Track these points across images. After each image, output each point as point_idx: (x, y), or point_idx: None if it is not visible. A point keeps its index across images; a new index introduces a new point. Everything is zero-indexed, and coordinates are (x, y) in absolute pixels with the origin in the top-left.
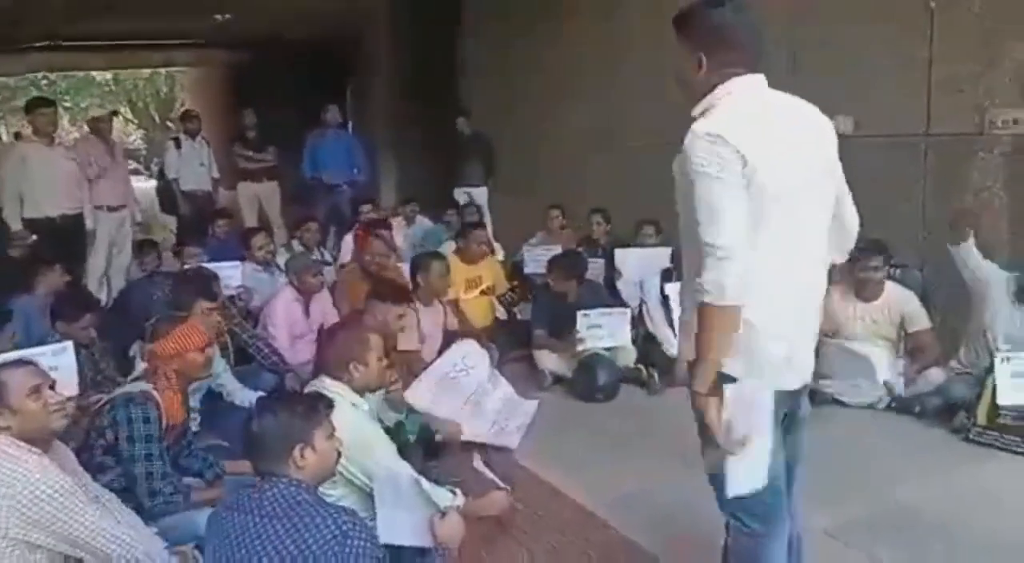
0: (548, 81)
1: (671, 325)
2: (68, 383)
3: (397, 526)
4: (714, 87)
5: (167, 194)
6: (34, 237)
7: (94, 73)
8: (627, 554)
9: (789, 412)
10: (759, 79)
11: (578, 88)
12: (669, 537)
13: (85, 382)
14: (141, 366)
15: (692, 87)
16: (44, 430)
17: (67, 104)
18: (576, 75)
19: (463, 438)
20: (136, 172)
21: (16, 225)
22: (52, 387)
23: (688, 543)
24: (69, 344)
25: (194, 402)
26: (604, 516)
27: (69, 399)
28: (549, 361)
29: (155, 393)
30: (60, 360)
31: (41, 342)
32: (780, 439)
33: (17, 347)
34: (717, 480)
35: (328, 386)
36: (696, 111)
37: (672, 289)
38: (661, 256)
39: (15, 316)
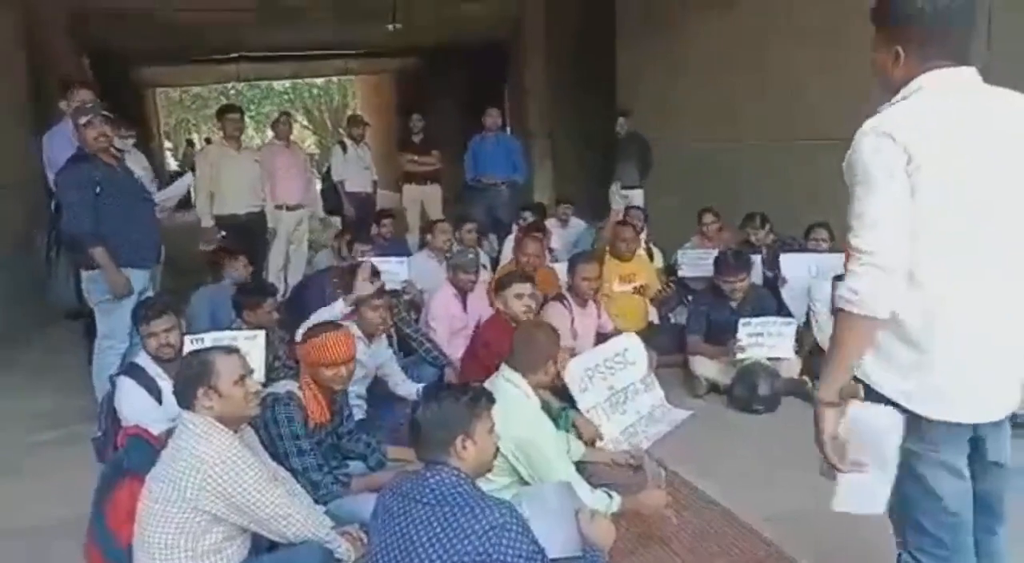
0: (707, 81)
1: None
2: (256, 370)
3: (546, 540)
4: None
5: (333, 195)
6: (223, 233)
7: (274, 84)
8: None
9: (976, 452)
10: (964, 73)
11: (740, 86)
12: (832, 561)
13: (265, 367)
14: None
15: (890, 84)
16: (241, 416)
17: (251, 113)
18: (736, 72)
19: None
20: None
21: (207, 222)
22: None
23: None
24: (262, 333)
25: (360, 389)
26: (761, 531)
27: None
28: (705, 368)
29: (299, 392)
30: (251, 346)
31: (227, 329)
32: (968, 478)
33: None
34: (895, 511)
35: (509, 377)
36: (883, 107)
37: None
38: (833, 262)
39: (203, 304)
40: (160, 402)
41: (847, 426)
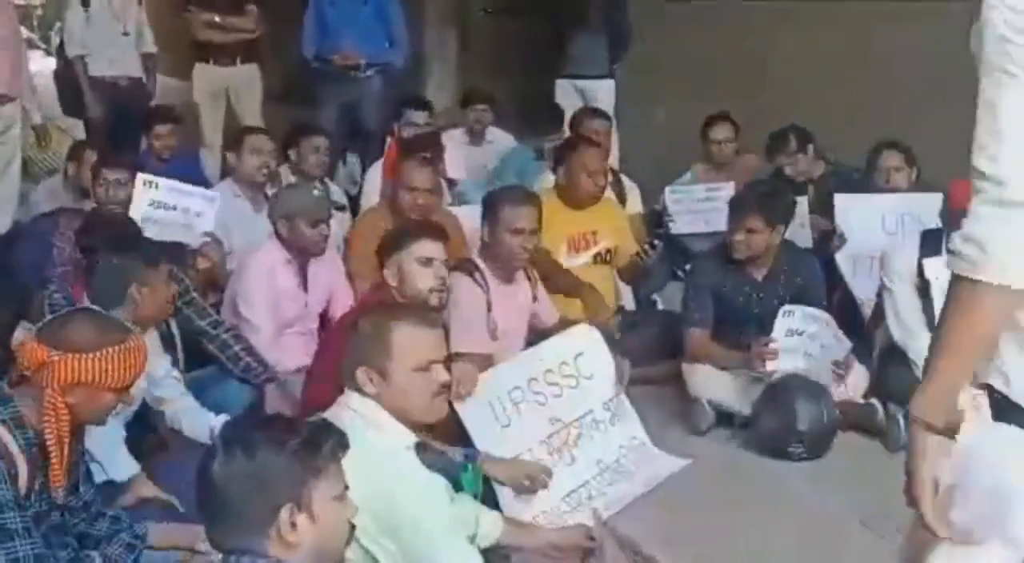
0: None
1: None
2: None
3: None
4: None
5: (70, 81)
6: None
7: None
8: None
9: None
10: None
11: None
12: None
13: None
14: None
15: None
16: None
17: None
18: None
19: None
20: (30, 44)
21: None
22: None
23: None
24: None
25: (116, 426)
26: None
27: None
28: (712, 384)
29: (3, 432)
30: None
31: None
32: None
33: None
34: None
35: (359, 406)
36: None
37: (937, 267)
38: (920, 208)
39: None
40: None
41: (956, 466)
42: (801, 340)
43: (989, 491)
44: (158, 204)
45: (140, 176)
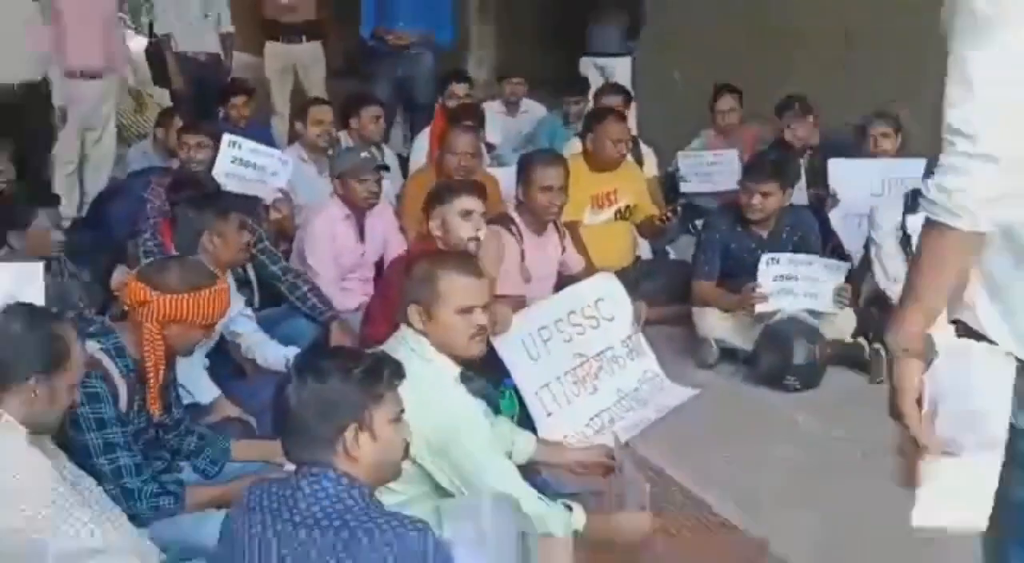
0: None
1: None
2: None
3: None
4: None
5: (158, 57)
6: None
7: None
8: None
9: None
10: None
11: None
12: None
13: None
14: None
15: None
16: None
17: None
18: None
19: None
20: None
21: None
22: None
23: None
24: (39, 266)
25: (199, 356)
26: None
27: None
28: (718, 325)
29: (106, 359)
30: (24, 288)
31: None
32: None
33: None
34: (993, 543)
35: (411, 342)
36: None
37: (917, 223)
38: (905, 171)
39: None
40: None
41: (938, 382)
42: (796, 283)
43: (963, 400)
44: (240, 161)
45: (226, 136)
